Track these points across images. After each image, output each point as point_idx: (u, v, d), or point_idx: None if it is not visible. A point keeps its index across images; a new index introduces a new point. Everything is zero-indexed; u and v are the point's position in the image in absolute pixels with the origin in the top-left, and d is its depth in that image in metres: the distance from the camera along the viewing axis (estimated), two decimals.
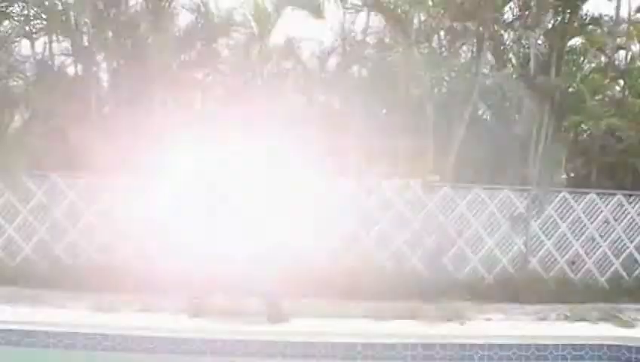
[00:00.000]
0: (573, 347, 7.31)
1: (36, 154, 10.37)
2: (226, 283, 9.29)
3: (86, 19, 10.47)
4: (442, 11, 11.09)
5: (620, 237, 11.32)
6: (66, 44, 11.29)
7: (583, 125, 11.57)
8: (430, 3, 11.43)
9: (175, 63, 11.24)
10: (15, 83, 11.69)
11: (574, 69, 11.83)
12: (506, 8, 11.55)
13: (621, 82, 12.52)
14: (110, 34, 11.02)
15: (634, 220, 11.34)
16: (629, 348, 7.27)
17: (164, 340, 7.08)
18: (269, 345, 7.13)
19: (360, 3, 11.35)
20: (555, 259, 11.17)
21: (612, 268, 11.30)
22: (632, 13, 12.25)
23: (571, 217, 11.20)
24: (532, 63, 10.25)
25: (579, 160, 12.65)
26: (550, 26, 11.30)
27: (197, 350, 7.10)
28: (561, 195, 11.20)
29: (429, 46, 11.64)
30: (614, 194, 11.32)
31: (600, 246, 11.28)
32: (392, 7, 11.19)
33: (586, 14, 11.33)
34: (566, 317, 8.74)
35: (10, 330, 7.17)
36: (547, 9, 11.16)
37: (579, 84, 10.86)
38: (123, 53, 10.96)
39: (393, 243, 10.86)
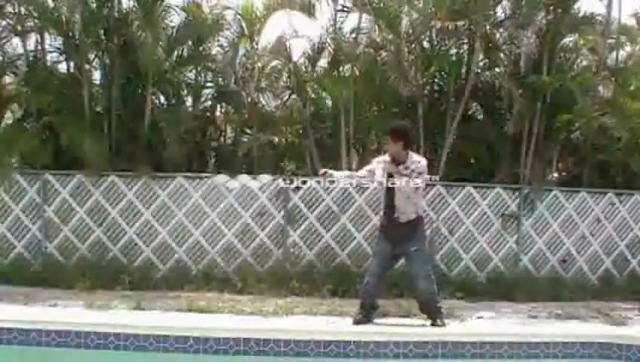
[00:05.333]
0: (564, 345, 7.30)
1: (28, 152, 10.33)
2: None
3: (77, 17, 10.44)
4: (433, 9, 11.07)
5: (610, 236, 11.40)
6: (58, 41, 11.25)
7: (575, 123, 11.57)
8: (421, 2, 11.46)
9: (167, 62, 11.21)
10: (7, 80, 11.67)
11: (566, 67, 11.85)
12: (498, 7, 11.59)
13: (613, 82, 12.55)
14: (102, 32, 11.00)
15: (625, 219, 11.42)
16: (619, 346, 7.28)
17: (159, 338, 7.04)
18: (263, 342, 7.08)
19: (350, 5, 11.40)
20: (547, 258, 11.23)
21: (603, 267, 11.38)
22: (624, 14, 12.33)
23: (563, 215, 11.26)
24: (523, 62, 10.26)
25: (570, 158, 12.69)
26: (541, 24, 11.32)
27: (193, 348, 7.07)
28: (552, 193, 11.26)
29: (420, 45, 11.64)
30: (605, 193, 11.40)
31: (591, 245, 11.35)
32: (382, 5, 11.22)
33: (577, 13, 11.36)
34: (557, 316, 8.77)
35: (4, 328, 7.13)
36: (538, 8, 11.17)
37: (570, 82, 10.87)
38: (114, 52, 10.92)
39: None
